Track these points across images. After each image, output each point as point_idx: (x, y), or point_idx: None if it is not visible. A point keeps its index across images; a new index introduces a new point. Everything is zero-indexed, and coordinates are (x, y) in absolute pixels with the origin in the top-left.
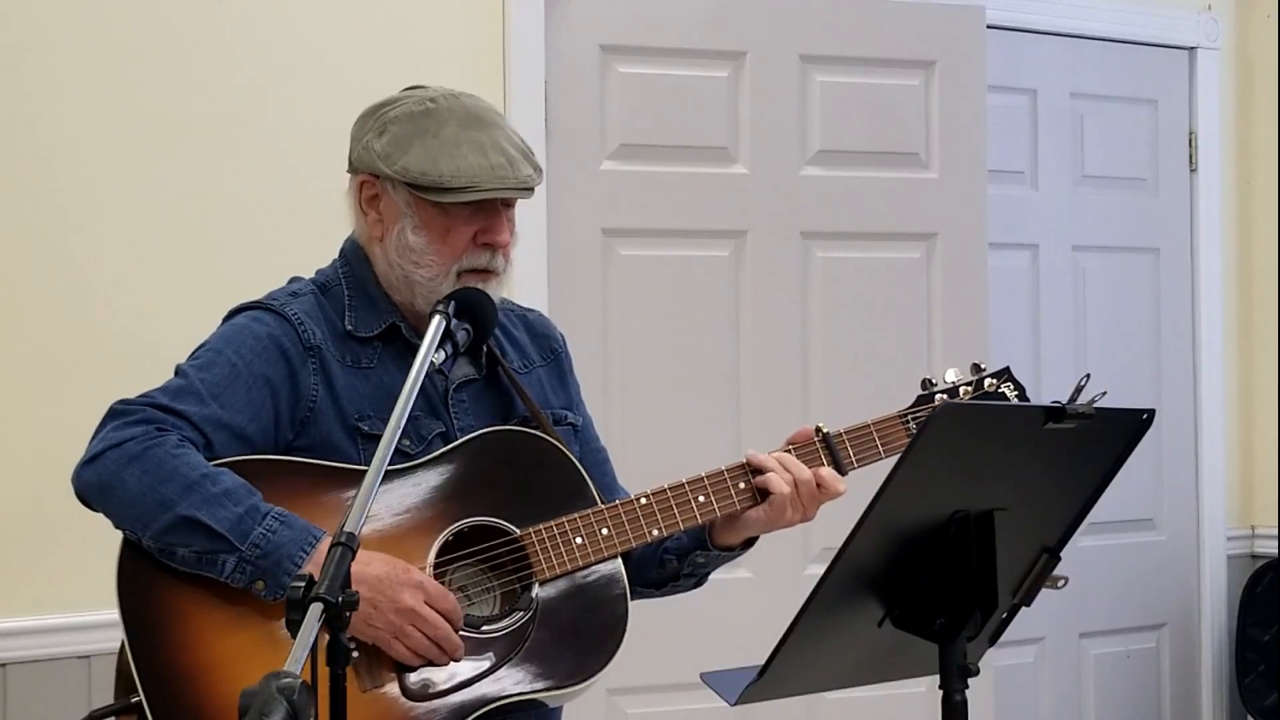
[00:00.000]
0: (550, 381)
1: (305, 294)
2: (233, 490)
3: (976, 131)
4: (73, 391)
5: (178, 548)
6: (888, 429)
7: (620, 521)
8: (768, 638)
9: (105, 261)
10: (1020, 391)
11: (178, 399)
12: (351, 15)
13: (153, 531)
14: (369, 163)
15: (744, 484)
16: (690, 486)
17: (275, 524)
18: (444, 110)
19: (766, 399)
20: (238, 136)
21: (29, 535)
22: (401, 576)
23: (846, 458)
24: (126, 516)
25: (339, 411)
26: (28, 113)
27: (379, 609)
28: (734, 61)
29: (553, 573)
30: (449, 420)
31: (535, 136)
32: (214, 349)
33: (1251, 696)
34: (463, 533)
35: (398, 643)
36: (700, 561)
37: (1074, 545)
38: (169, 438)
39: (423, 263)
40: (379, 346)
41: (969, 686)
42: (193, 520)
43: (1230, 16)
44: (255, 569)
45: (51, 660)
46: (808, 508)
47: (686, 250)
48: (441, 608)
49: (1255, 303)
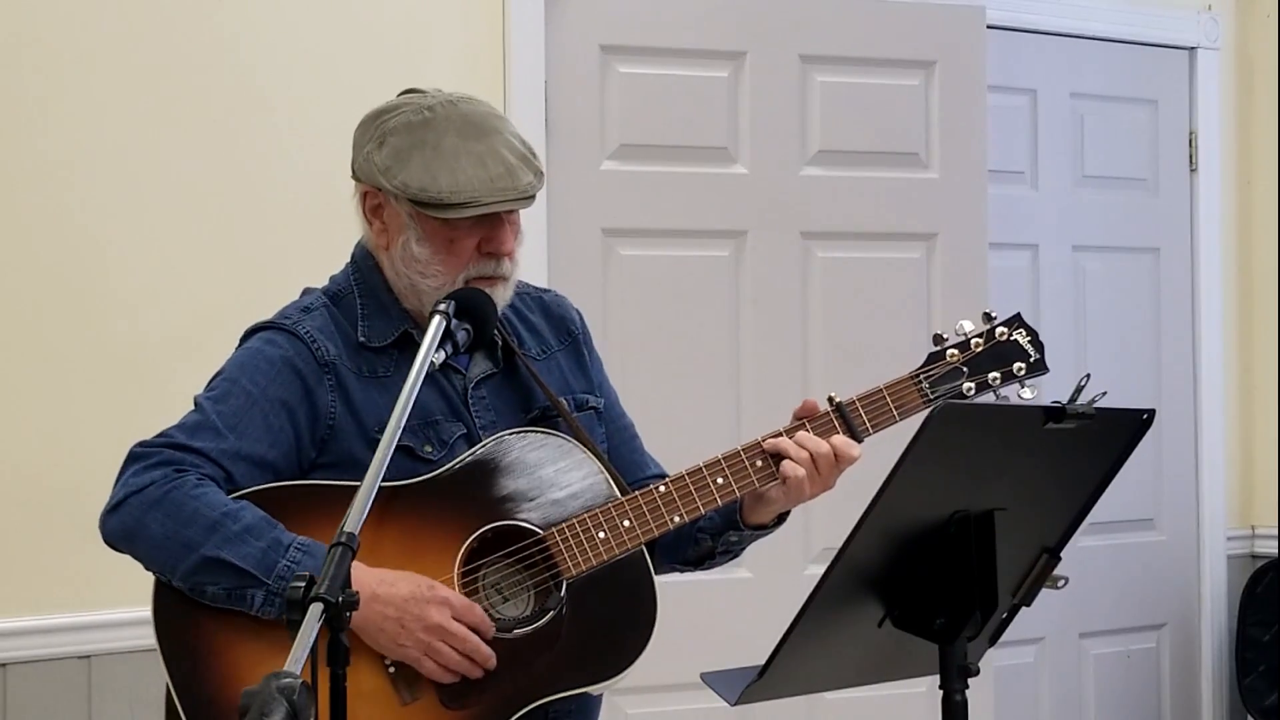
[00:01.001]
0: (570, 365)
1: (317, 308)
2: (254, 526)
3: (976, 131)
4: (74, 391)
5: (207, 586)
6: (901, 391)
7: (641, 512)
8: (768, 638)
9: (108, 261)
10: (1033, 336)
11: (195, 436)
12: (352, 15)
13: (181, 573)
14: (370, 174)
15: (761, 462)
16: (708, 470)
17: (299, 554)
18: (442, 119)
19: (766, 399)
20: (239, 136)
21: (29, 535)
22: (427, 594)
23: (861, 425)
24: (154, 561)
25: (359, 425)
26: (31, 112)
27: (407, 628)
28: (734, 61)
29: (579, 569)
30: (470, 420)
31: (535, 136)
32: (229, 378)
33: (1251, 696)
34: (487, 538)
35: (428, 660)
36: (734, 540)
37: (1074, 545)
38: (188, 478)
39: (428, 273)
40: (394, 355)
41: (969, 686)
42: (218, 560)
43: (1230, 16)
44: (284, 600)
45: (51, 660)
46: (826, 478)
47: (686, 250)
48: (469, 621)
49: (1255, 303)
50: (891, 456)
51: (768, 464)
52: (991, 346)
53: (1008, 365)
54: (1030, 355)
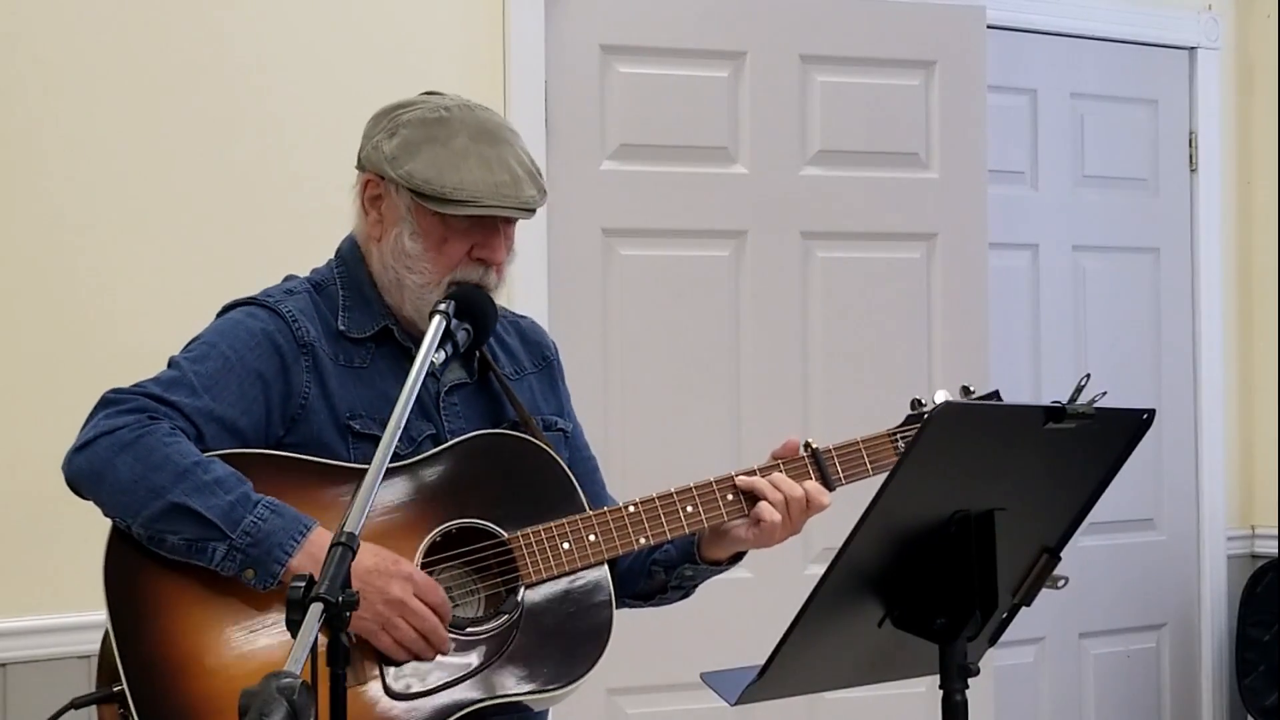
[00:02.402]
0: (541, 388)
1: (300, 292)
2: (224, 479)
3: (976, 131)
4: (72, 390)
5: (167, 535)
6: (876, 447)
7: (608, 528)
8: (768, 638)
9: (105, 260)
10: None
11: (170, 390)
12: (352, 15)
13: (143, 519)
14: (376, 162)
15: (731, 495)
16: (679, 496)
17: (266, 512)
18: (457, 120)
19: (766, 399)
20: (238, 136)
21: (29, 535)
22: (391, 568)
23: (835, 473)
24: (117, 504)
25: (331, 409)
26: (25, 111)
27: (367, 600)
28: (734, 61)
29: (539, 577)
30: (440, 423)
31: (535, 136)
32: (208, 342)
33: (1251, 696)
34: (450, 534)
35: (384, 634)
36: (688, 574)
37: (1074, 545)
38: (161, 426)
39: (415, 269)
40: (372, 348)
41: (969, 686)
42: (183, 508)
43: (1230, 16)
44: (245, 557)
45: (51, 660)
46: (796, 523)
47: (686, 250)
48: (430, 601)
49: (1255, 303)
50: None
51: (738, 499)
52: None
53: None
54: None
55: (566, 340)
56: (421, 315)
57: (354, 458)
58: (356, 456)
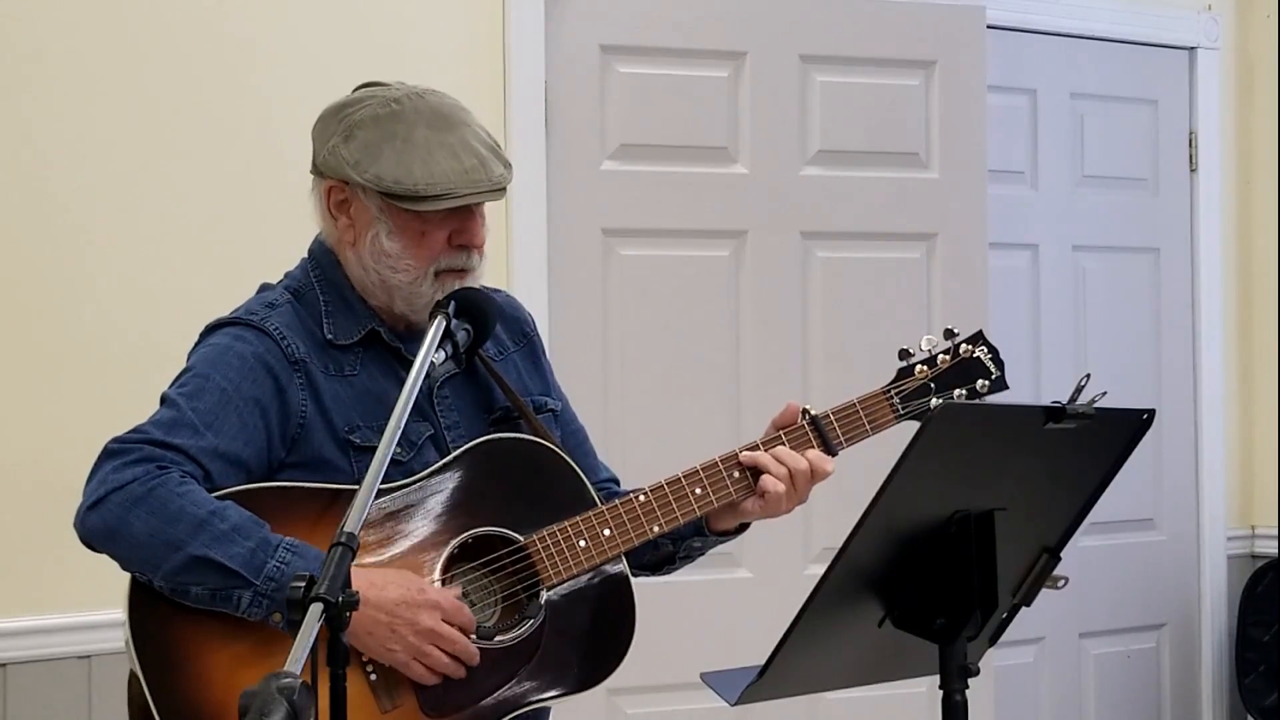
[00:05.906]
0: (525, 366)
1: (282, 304)
2: (241, 525)
3: (976, 131)
4: (72, 392)
5: (191, 587)
6: (873, 405)
7: (621, 521)
8: (768, 638)
9: (105, 261)
10: (994, 353)
11: (172, 432)
12: (351, 15)
13: (164, 573)
14: (337, 168)
15: (738, 474)
16: (687, 480)
17: (288, 555)
18: (410, 111)
19: (766, 398)
20: (237, 136)
21: (29, 535)
22: (417, 598)
23: (836, 438)
24: (136, 560)
25: (329, 425)
26: (26, 111)
27: (397, 633)
28: (734, 61)
29: (559, 578)
30: (436, 420)
31: (535, 136)
32: (200, 374)
33: (1251, 696)
34: (468, 544)
35: (417, 664)
36: (696, 546)
37: (1074, 545)
38: (170, 476)
39: (399, 267)
40: (360, 352)
41: (969, 686)
42: (205, 559)
43: (1230, 16)
44: (272, 601)
45: (51, 660)
46: (802, 493)
47: (686, 250)
48: (458, 622)
49: (1255, 303)
50: (891, 457)
51: (745, 476)
52: (957, 363)
53: (971, 382)
54: (992, 373)
55: (566, 340)
56: (416, 311)
57: (357, 472)
58: (359, 471)
